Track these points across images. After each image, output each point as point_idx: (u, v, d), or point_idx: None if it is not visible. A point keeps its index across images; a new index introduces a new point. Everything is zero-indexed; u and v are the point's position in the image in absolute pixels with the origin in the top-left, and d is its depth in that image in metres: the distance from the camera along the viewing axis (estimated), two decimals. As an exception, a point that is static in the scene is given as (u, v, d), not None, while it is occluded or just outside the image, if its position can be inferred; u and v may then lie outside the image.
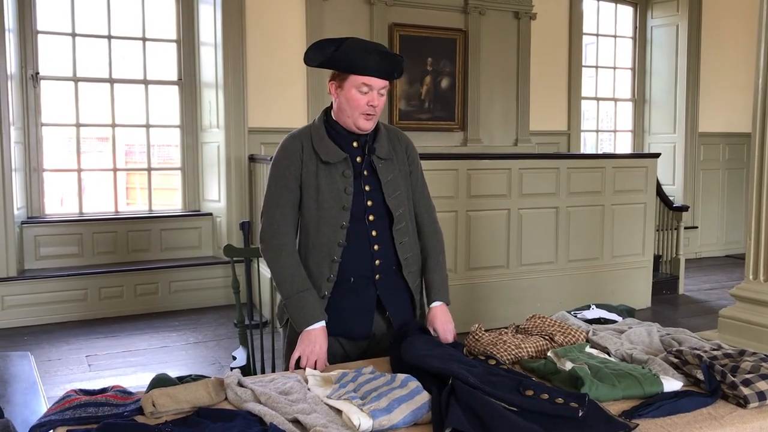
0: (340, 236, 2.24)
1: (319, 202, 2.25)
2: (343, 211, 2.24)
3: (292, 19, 6.53)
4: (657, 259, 6.74)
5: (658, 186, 6.57)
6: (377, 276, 2.30)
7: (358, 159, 2.29)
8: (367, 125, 2.26)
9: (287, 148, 2.32)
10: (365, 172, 2.29)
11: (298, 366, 2.17)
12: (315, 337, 2.18)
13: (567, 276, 5.80)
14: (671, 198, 7.42)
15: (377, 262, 2.29)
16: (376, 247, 2.29)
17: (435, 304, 2.39)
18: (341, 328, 2.30)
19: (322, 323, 2.21)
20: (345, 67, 2.21)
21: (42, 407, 2.34)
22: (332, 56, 2.21)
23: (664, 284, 6.75)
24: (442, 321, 2.36)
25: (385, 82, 2.23)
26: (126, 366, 4.67)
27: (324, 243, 2.25)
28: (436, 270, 2.42)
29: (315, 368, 2.13)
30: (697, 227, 8.72)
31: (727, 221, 8.97)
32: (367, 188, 2.28)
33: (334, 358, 2.30)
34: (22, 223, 5.84)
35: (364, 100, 2.21)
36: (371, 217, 2.28)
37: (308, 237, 2.29)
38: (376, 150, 2.31)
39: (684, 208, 7.00)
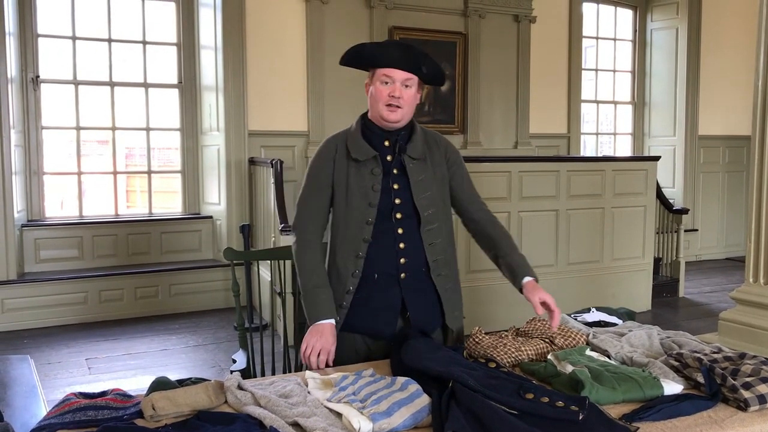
0: (366, 232, 2.29)
1: (348, 199, 2.32)
2: (369, 208, 2.29)
3: (292, 22, 6.54)
4: (657, 261, 6.74)
5: (658, 189, 6.57)
6: (402, 275, 2.32)
7: (389, 157, 2.33)
8: (392, 116, 2.28)
9: (322, 150, 2.40)
10: (395, 171, 2.32)
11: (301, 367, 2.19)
12: (323, 329, 2.25)
13: (567, 279, 5.79)
14: (671, 201, 7.42)
15: (402, 260, 2.31)
16: (401, 245, 2.31)
17: (527, 279, 2.33)
18: (366, 326, 2.33)
19: (331, 321, 2.27)
20: (367, 61, 2.31)
21: (41, 411, 2.34)
22: (357, 51, 2.31)
23: (665, 287, 6.75)
24: (535, 289, 2.28)
25: (408, 75, 2.27)
26: (126, 369, 4.67)
27: (350, 239, 2.31)
28: (513, 251, 2.40)
29: (319, 362, 2.20)
30: (697, 230, 8.73)
31: (727, 224, 8.98)
32: (395, 186, 2.31)
33: (358, 355, 2.33)
34: (23, 226, 5.84)
35: (387, 91, 2.27)
36: (398, 215, 2.31)
37: (337, 233, 2.36)
38: (407, 149, 2.33)
39: (684, 211, 7.00)
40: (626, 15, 8.83)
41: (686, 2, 8.44)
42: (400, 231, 2.31)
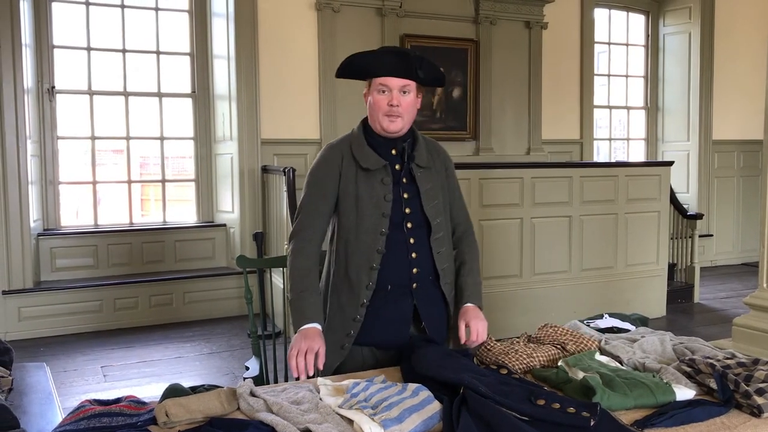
0: (380, 243, 2.26)
1: (359, 210, 2.27)
2: (382, 218, 2.26)
3: (304, 30, 6.58)
4: (672, 267, 6.70)
5: (672, 194, 6.53)
6: (414, 285, 2.30)
7: (397, 166, 2.31)
8: (392, 126, 2.27)
9: (326, 158, 2.35)
10: (404, 180, 2.31)
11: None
12: (307, 333, 2.16)
13: (581, 285, 5.77)
14: (686, 206, 7.38)
15: (415, 270, 2.29)
16: (413, 255, 2.29)
17: (468, 305, 2.33)
18: (377, 338, 2.30)
19: (317, 325, 2.20)
20: (362, 72, 2.29)
21: (57, 417, 2.36)
22: (350, 62, 2.29)
23: (680, 293, 6.71)
24: (474, 317, 2.28)
25: (404, 81, 2.24)
26: (141, 377, 4.70)
27: (363, 250, 2.27)
28: (471, 274, 2.40)
29: (307, 364, 2.08)
30: (712, 235, 8.66)
31: (742, 229, 8.90)
32: (405, 196, 2.30)
33: (365, 367, 2.29)
34: (38, 235, 5.90)
35: (384, 101, 2.25)
36: (409, 225, 2.29)
37: (348, 245, 2.29)
38: (415, 158, 2.32)
39: (698, 216, 6.95)
40: (638, 20, 8.80)
41: (699, 7, 8.41)
42: (412, 241, 2.29)
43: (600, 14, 8.39)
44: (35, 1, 5.86)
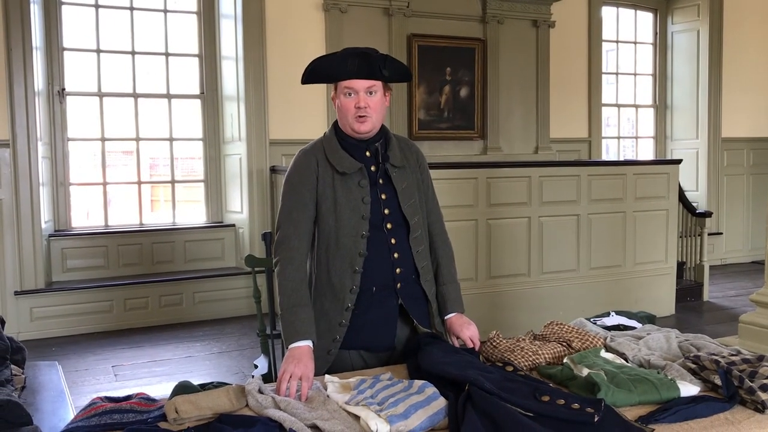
0: (361, 246, 2.25)
1: (337, 214, 2.26)
2: (362, 221, 2.25)
3: (311, 31, 6.60)
4: (681, 266, 6.68)
5: (681, 192, 6.52)
6: (398, 285, 2.30)
7: (373, 168, 2.31)
8: (362, 127, 2.26)
9: (301, 164, 2.34)
10: (380, 181, 2.30)
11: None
12: (300, 354, 2.07)
13: (589, 284, 5.77)
14: (695, 204, 7.35)
15: (398, 270, 2.29)
16: (396, 255, 2.29)
17: (451, 315, 2.38)
18: (364, 341, 2.29)
19: (309, 343, 2.14)
20: (326, 78, 2.31)
21: (69, 415, 2.39)
22: (312, 70, 2.29)
23: (689, 291, 6.69)
24: (463, 326, 2.34)
25: (369, 82, 2.24)
26: (151, 376, 4.73)
27: (345, 254, 2.26)
28: (450, 281, 2.43)
29: (299, 389, 1.94)
30: (721, 233, 8.63)
31: (752, 227, 8.86)
32: (383, 197, 2.29)
33: (353, 370, 2.27)
34: (50, 236, 5.94)
35: (352, 104, 2.25)
36: (389, 225, 2.29)
37: (329, 249, 2.28)
38: (389, 158, 2.32)
39: (707, 214, 6.93)
40: (646, 18, 8.78)
41: (707, 4, 8.38)
42: (393, 241, 2.29)
43: (608, 12, 8.37)
44: (45, 4, 5.91)
